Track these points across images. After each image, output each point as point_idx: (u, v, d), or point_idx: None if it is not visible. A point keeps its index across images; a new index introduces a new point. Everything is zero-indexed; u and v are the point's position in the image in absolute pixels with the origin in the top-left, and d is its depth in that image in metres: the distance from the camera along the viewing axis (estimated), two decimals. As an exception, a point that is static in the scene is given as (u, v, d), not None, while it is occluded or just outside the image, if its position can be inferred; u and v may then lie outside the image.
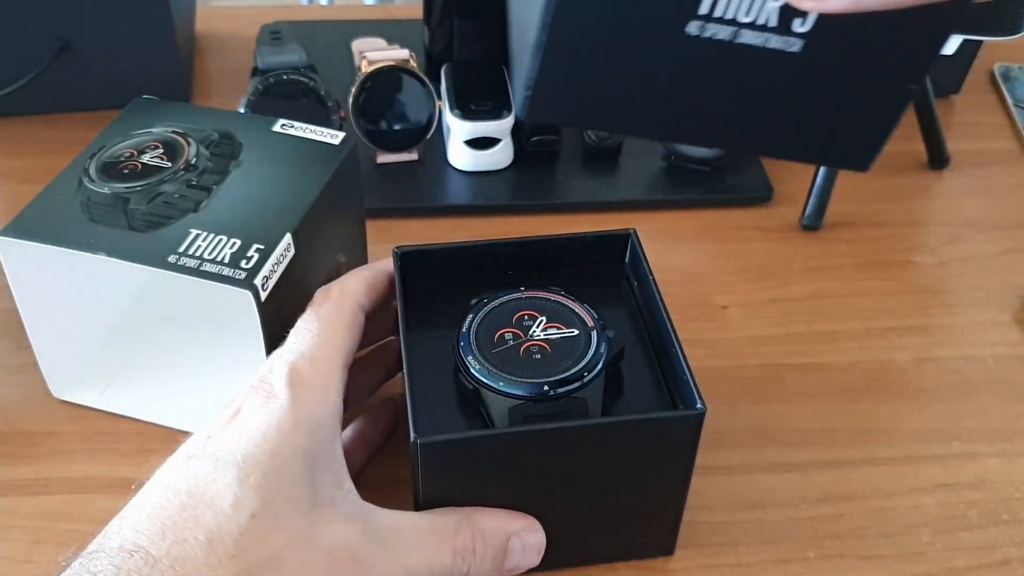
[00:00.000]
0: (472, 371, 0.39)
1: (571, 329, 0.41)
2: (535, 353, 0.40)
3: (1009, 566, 0.43)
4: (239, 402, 0.37)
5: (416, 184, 0.65)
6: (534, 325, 0.41)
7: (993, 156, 0.71)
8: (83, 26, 0.66)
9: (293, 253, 0.43)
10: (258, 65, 0.63)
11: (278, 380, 0.37)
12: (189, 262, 0.41)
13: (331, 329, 0.40)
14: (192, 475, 0.34)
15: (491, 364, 0.39)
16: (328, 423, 0.37)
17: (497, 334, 0.40)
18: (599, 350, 0.40)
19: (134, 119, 0.50)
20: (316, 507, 0.35)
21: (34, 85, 0.66)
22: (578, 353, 0.40)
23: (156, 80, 0.70)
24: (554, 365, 0.39)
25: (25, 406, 0.49)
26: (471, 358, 0.39)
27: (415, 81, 0.63)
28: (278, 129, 0.49)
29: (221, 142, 0.48)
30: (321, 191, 0.46)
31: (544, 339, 0.40)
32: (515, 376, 0.39)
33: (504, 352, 0.40)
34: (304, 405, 0.36)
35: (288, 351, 0.39)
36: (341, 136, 0.49)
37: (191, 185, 0.45)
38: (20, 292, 0.46)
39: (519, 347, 0.40)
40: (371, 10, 1.02)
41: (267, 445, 0.34)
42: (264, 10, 0.83)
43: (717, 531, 0.45)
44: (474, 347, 0.40)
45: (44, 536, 0.44)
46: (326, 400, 0.37)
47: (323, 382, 0.38)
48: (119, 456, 0.47)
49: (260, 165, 0.47)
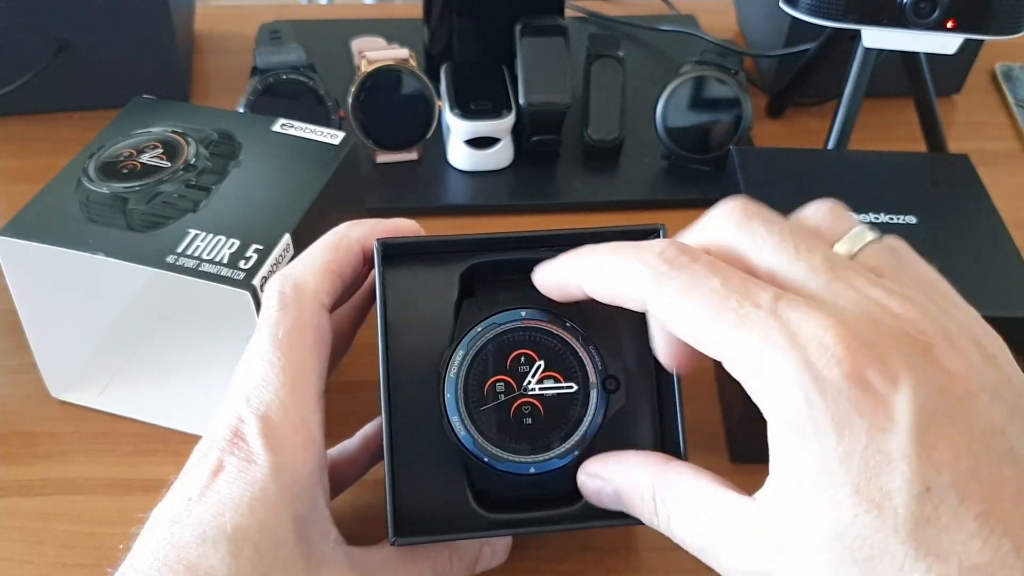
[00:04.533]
0: (456, 434, 0.36)
1: (569, 384, 0.36)
2: (526, 415, 0.36)
3: (1011, 567, 0.43)
4: (217, 453, 0.34)
5: (416, 184, 0.65)
6: (530, 372, 0.36)
7: (994, 156, 0.70)
8: (82, 26, 0.66)
9: (292, 253, 0.43)
10: (257, 64, 0.63)
11: (253, 439, 0.33)
12: (187, 262, 0.41)
13: (297, 359, 0.35)
14: (182, 545, 0.32)
15: (477, 429, 0.36)
16: (312, 477, 0.34)
17: (488, 383, 0.36)
18: (595, 418, 0.36)
19: (133, 119, 0.50)
20: (310, 569, 0.34)
21: (33, 85, 0.66)
22: (572, 420, 0.36)
23: (155, 80, 0.69)
24: (545, 435, 0.36)
25: (24, 407, 0.49)
26: (456, 418, 0.36)
27: (415, 80, 0.63)
28: (278, 129, 0.49)
29: (220, 142, 0.48)
30: (320, 191, 0.45)
31: (538, 396, 0.36)
32: (501, 450, 0.36)
33: (493, 411, 0.36)
34: (286, 468, 0.33)
35: (256, 396, 0.34)
36: (341, 136, 0.49)
37: (190, 185, 0.45)
38: (19, 292, 0.45)
39: (510, 404, 0.36)
40: (371, 9, 1.02)
41: (255, 518, 0.33)
42: (263, 9, 0.83)
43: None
44: (460, 400, 0.36)
45: (42, 537, 0.43)
46: (306, 452, 0.34)
47: (301, 432, 0.34)
48: (118, 457, 0.47)
49: (259, 165, 0.47)
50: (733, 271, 0.30)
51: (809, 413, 0.27)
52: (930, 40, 0.56)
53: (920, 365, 0.27)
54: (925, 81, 0.63)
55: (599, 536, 0.44)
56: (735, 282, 0.29)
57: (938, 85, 0.65)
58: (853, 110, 0.60)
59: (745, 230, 0.31)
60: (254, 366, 0.35)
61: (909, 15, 0.55)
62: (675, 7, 0.84)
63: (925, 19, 0.55)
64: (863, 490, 0.26)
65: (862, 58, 0.59)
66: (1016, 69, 0.79)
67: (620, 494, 0.34)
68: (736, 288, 0.29)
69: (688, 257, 0.30)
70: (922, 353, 0.27)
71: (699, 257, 0.30)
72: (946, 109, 0.74)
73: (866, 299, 0.29)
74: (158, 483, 0.35)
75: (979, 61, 0.74)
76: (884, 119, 0.72)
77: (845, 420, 0.26)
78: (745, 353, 0.28)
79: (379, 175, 0.65)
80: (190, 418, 0.48)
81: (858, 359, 0.27)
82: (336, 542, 0.36)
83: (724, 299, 0.29)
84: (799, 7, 0.57)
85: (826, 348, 0.27)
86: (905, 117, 0.68)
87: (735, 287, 0.29)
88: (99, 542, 0.44)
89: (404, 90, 0.63)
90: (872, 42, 0.57)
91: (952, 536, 0.25)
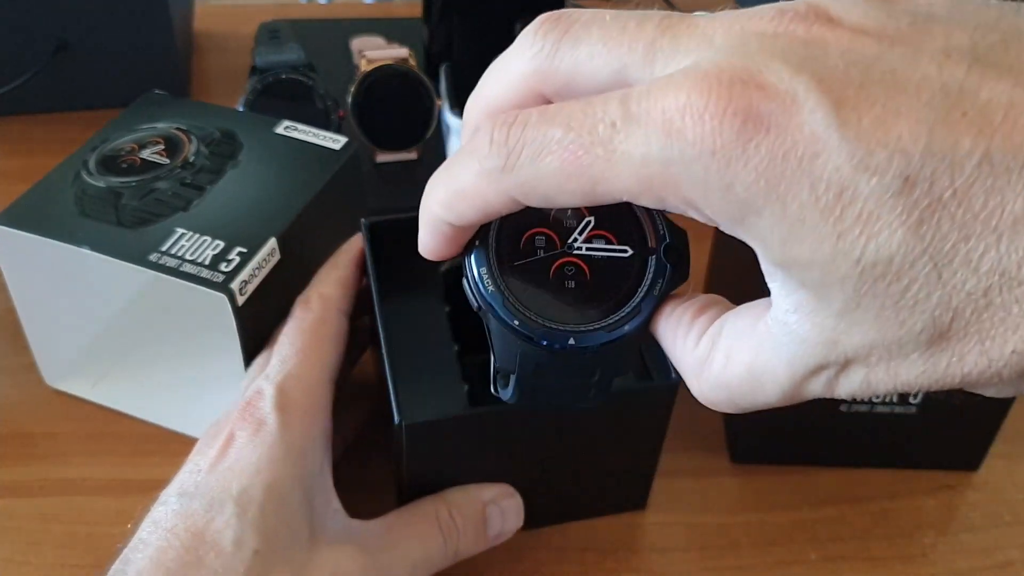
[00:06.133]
0: (482, 290, 0.29)
1: (623, 247, 0.30)
2: (568, 277, 0.30)
3: (1012, 568, 0.43)
4: (229, 426, 0.36)
5: (415, 183, 0.64)
6: (577, 228, 0.30)
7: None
8: (81, 25, 0.66)
9: (278, 258, 0.42)
10: (257, 64, 0.63)
11: (267, 405, 0.36)
12: (170, 261, 0.41)
13: (316, 345, 0.39)
14: (190, 514, 0.33)
15: (509, 287, 0.29)
16: (319, 445, 0.37)
17: (526, 235, 0.30)
18: (652, 289, 0.29)
19: (142, 113, 0.49)
20: (314, 534, 0.35)
21: (32, 84, 0.66)
22: (623, 288, 0.29)
23: (154, 79, 0.69)
24: (588, 302, 0.29)
25: (23, 407, 0.49)
26: (484, 270, 0.29)
27: (414, 80, 0.63)
28: (281, 131, 0.49)
29: (222, 141, 0.48)
30: (314, 196, 0.45)
31: (584, 256, 0.30)
32: (535, 313, 0.29)
33: (529, 268, 0.29)
34: (295, 431, 0.36)
35: (275, 371, 0.38)
36: (343, 141, 0.49)
37: (185, 183, 0.45)
38: (13, 281, 0.46)
39: (550, 263, 0.30)
40: (370, 8, 1.02)
41: (261, 478, 0.34)
42: (263, 8, 0.82)
43: (719, 533, 0.45)
44: (492, 251, 0.29)
45: (41, 537, 0.43)
46: (315, 422, 0.37)
47: (312, 403, 0.37)
48: (117, 457, 0.47)
49: (257, 166, 0.46)
50: (562, 106, 0.23)
51: (736, 197, 0.21)
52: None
53: (810, 61, 0.20)
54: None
55: (599, 536, 0.44)
56: (575, 116, 0.22)
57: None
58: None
59: (563, 42, 0.24)
60: (279, 349, 0.39)
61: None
62: (676, 6, 0.84)
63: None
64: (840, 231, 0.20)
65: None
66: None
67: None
68: (578, 120, 0.22)
69: (516, 126, 0.24)
70: (804, 49, 0.21)
71: (527, 118, 0.23)
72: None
73: (723, 35, 0.22)
74: (157, 483, 0.35)
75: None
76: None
77: (772, 177, 0.20)
78: (636, 180, 0.22)
79: (378, 175, 0.65)
80: (178, 416, 0.48)
81: (739, 102, 0.20)
82: (337, 511, 0.37)
83: (576, 142, 0.22)
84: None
85: (700, 114, 0.20)
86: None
87: (577, 120, 0.22)
88: (98, 543, 0.43)
89: (404, 89, 0.63)
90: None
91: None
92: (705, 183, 0.21)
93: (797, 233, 0.20)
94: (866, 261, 0.20)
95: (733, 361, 0.25)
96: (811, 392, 0.24)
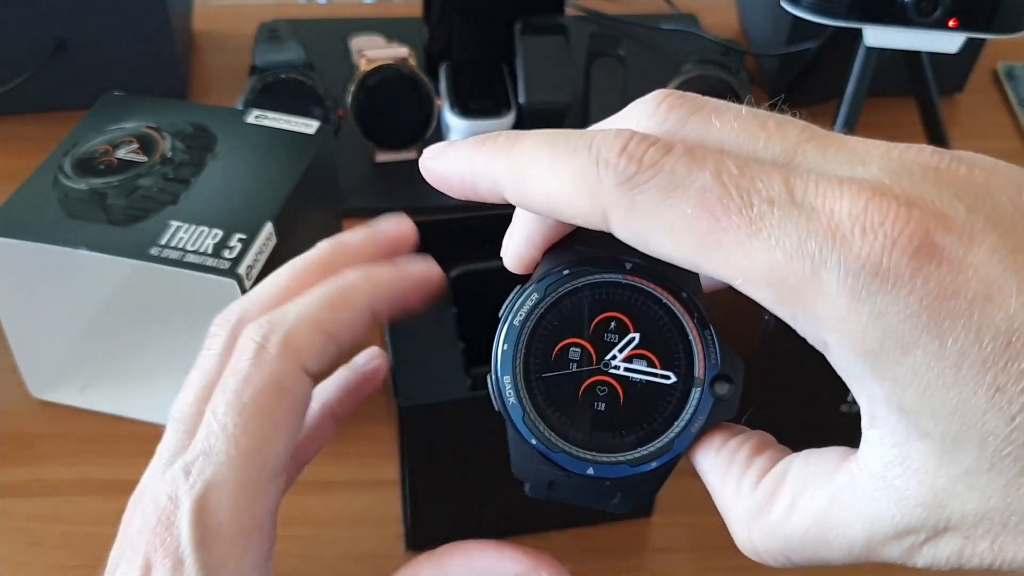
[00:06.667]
0: (503, 397, 0.27)
1: (666, 372, 0.27)
2: (599, 398, 0.27)
3: (1014, 569, 0.43)
4: (143, 551, 0.29)
5: (415, 183, 0.64)
6: (617, 345, 0.27)
7: (996, 155, 0.69)
8: (80, 24, 0.66)
9: (275, 242, 0.43)
10: (256, 63, 0.63)
11: (184, 531, 0.28)
12: (172, 254, 0.41)
13: (258, 431, 0.29)
14: None
15: (532, 400, 0.27)
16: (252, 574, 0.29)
17: (560, 345, 0.27)
18: (690, 426, 0.26)
19: (106, 115, 0.49)
20: None
21: (30, 84, 0.66)
22: (658, 419, 0.26)
23: (153, 78, 0.69)
24: (616, 429, 0.27)
25: (21, 407, 0.49)
26: (508, 378, 0.27)
27: (414, 79, 0.63)
28: (252, 120, 0.49)
29: (196, 135, 0.48)
30: (300, 179, 0.46)
31: (621, 377, 0.27)
32: (557, 435, 0.27)
33: (559, 381, 0.27)
34: (219, 568, 0.28)
35: (196, 470, 0.28)
36: (316, 125, 0.49)
37: (168, 178, 0.45)
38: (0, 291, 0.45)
39: (581, 380, 0.27)
40: (370, 8, 1.02)
41: None
42: (262, 8, 0.82)
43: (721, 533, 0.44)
44: (520, 357, 0.27)
45: (40, 538, 0.43)
46: (246, 542, 0.28)
47: (246, 525, 0.28)
48: (115, 457, 0.47)
49: (236, 156, 0.47)
50: (722, 155, 0.21)
51: (886, 325, 0.19)
52: (932, 39, 0.56)
53: (982, 202, 0.20)
54: (927, 80, 0.63)
55: (601, 537, 0.44)
56: (730, 170, 0.21)
57: (940, 84, 0.65)
58: (855, 109, 0.60)
59: (692, 118, 0.22)
60: (205, 428, 0.29)
61: (911, 14, 0.55)
62: (676, 6, 0.84)
63: (927, 18, 0.55)
64: (1000, 384, 0.19)
65: (864, 57, 0.59)
66: (1018, 68, 0.79)
67: None
68: (734, 179, 0.20)
69: (659, 148, 0.21)
70: (975, 190, 0.20)
71: (672, 146, 0.21)
72: (948, 108, 0.74)
73: (879, 158, 0.21)
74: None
75: (981, 60, 0.74)
76: (886, 118, 0.71)
77: (936, 312, 0.19)
78: (769, 269, 0.20)
79: (379, 174, 0.65)
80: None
81: (916, 226, 0.19)
82: None
83: (722, 199, 0.20)
84: (801, 6, 0.57)
85: (874, 228, 0.19)
86: (907, 116, 0.68)
87: (732, 178, 0.20)
88: (97, 543, 0.43)
89: (403, 89, 0.63)
90: (874, 41, 0.57)
91: None
92: (852, 302, 0.19)
93: (948, 378, 0.19)
94: (1022, 420, 0.18)
95: (798, 511, 0.22)
96: (885, 557, 0.21)
